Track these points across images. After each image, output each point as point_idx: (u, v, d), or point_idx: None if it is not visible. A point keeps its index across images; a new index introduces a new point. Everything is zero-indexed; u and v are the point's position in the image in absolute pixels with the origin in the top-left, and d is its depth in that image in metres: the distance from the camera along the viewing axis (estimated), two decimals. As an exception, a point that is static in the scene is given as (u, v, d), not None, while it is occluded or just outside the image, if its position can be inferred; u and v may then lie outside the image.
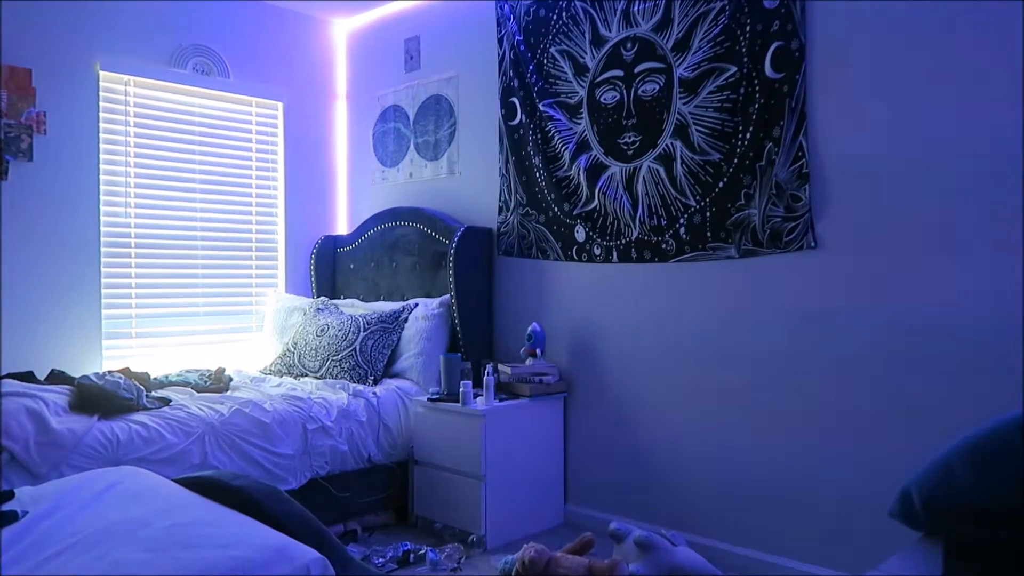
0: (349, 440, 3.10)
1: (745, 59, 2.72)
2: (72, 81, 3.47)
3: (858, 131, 2.48)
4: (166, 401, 2.86)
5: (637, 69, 3.05)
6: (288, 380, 3.46)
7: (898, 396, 2.40)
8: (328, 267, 4.31)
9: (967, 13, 2.26)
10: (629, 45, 3.08)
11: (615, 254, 3.17)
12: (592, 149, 3.22)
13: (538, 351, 3.31)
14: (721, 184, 2.80)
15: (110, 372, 3.00)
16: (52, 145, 3.40)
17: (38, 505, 1.65)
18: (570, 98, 3.31)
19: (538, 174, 3.45)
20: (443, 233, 3.68)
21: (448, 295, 3.56)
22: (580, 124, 3.27)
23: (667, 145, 2.97)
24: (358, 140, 4.48)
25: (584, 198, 3.26)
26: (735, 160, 2.76)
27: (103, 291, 3.58)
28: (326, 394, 3.18)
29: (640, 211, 3.06)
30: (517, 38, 3.50)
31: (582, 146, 3.26)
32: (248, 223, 4.19)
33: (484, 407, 3.02)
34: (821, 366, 2.58)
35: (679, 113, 2.92)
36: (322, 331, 3.62)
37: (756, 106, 2.69)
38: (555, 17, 3.35)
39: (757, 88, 2.69)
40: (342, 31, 4.57)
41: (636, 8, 3.05)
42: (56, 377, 2.92)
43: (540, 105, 3.41)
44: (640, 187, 3.06)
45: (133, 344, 3.69)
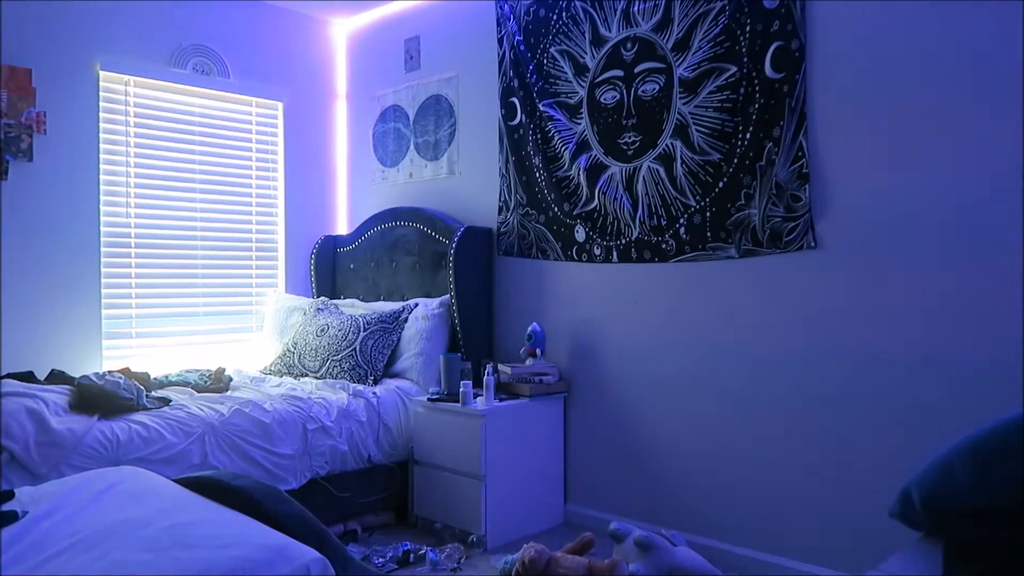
0: (349, 440, 3.10)
1: (745, 59, 2.72)
2: (72, 81, 3.47)
3: (858, 131, 2.48)
4: (166, 401, 2.86)
5: (637, 69, 3.05)
6: (288, 380, 3.46)
7: (898, 396, 2.40)
8: (328, 267, 4.31)
9: (967, 13, 2.26)
10: (629, 45, 3.08)
11: (615, 254, 3.17)
12: (592, 149, 3.22)
13: (538, 351, 3.31)
14: (721, 184, 2.80)
15: (110, 372, 3.00)
16: (52, 145, 3.40)
17: (38, 505, 1.65)
18: (570, 98, 3.31)
19: (538, 174, 3.45)
20: (443, 233, 3.68)
21: (448, 295, 3.56)
22: (580, 124, 3.27)
23: (667, 145, 2.97)
24: (358, 140, 4.48)
25: (584, 198, 3.26)
26: (735, 160, 2.76)
27: (103, 291, 3.58)
28: (326, 394, 3.18)
29: (640, 211, 3.06)
30: (517, 38, 3.50)
31: (582, 146, 3.26)
32: (248, 223, 4.19)
33: (484, 407, 3.03)
34: (821, 366, 2.58)
35: (679, 113, 2.92)
36: (322, 331, 3.62)
37: (756, 106, 2.69)
38: (555, 17, 3.35)
39: (757, 88, 2.69)
40: (342, 31, 4.57)
41: (636, 8, 3.05)
42: (56, 377, 2.92)
43: (540, 105, 3.41)
44: (640, 187, 3.06)
45: (133, 344, 3.69)
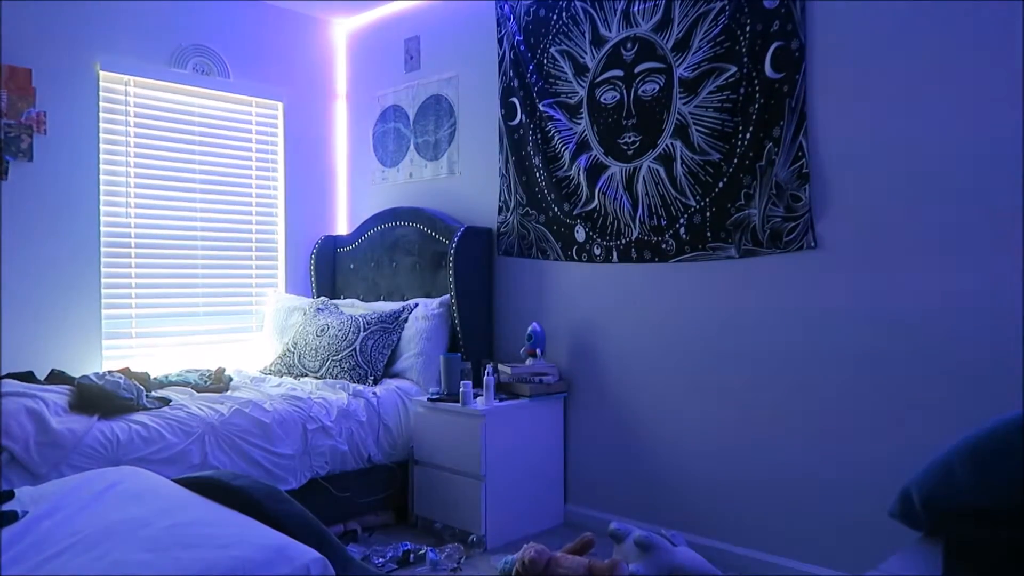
0: (349, 440, 3.10)
1: (745, 59, 2.72)
2: (72, 81, 3.47)
3: (858, 131, 2.48)
4: (166, 401, 2.86)
5: (637, 69, 3.05)
6: (288, 380, 3.46)
7: (898, 396, 2.40)
8: (328, 267, 4.31)
9: (967, 13, 2.26)
10: (629, 45, 3.08)
11: (615, 254, 3.17)
12: (592, 149, 3.22)
13: (538, 351, 3.31)
14: (721, 184, 2.80)
15: (110, 372, 3.00)
16: (52, 145, 3.40)
17: (38, 505, 1.65)
18: (570, 98, 3.31)
19: (538, 174, 3.45)
20: (443, 233, 3.68)
21: (448, 295, 3.56)
22: (580, 124, 3.27)
23: (667, 145, 2.97)
24: (358, 140, 4.48)
25: (584, 198, 3.26)
26: (735, 160, 2.76)
27: (103, 291, 3.58)
28: (326, 394, 3.18)
29: (640, 211, 3.06)
30: (517, 38, 3.50)
31: (582, 146, 3.26)
32: (248, 223, 4.19)
33: (484, 407, 3.02)
34: (821, 366, 2.58)
35: (679, 113, 2.92)
36: (322, 331, 3.62)
37: (756, 106, 2.69)
38: (555, 17, 3.35)
39: (757, 88, 2.69)
40: (342, 31, 4.57)
41: (636, 8, 3.05)
42: (56, 377, 2.92)
43: (540, 105, 3.41)
44: (640, 187, 3.06)
45: (133, 344, 3.69)
